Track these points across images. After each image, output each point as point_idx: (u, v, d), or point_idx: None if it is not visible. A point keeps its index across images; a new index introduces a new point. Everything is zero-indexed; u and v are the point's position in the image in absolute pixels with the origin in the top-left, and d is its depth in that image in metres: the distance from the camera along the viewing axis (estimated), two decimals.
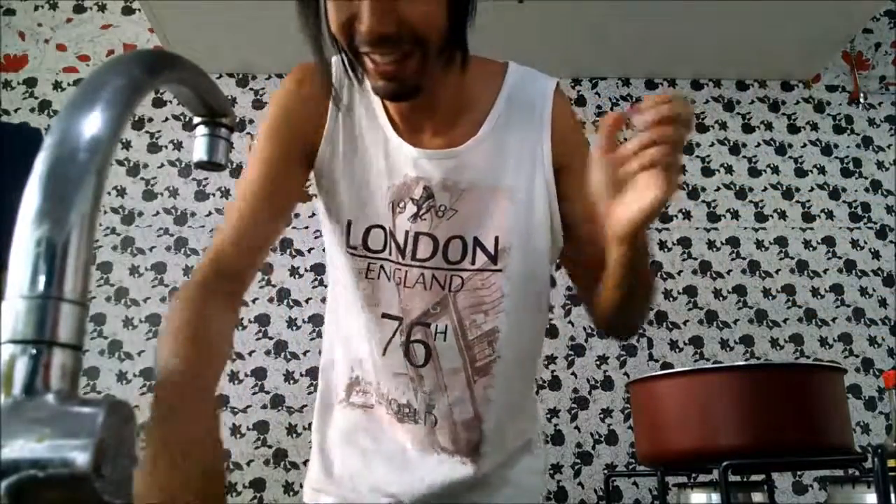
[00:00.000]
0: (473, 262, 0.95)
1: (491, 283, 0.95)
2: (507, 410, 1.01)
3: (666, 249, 2.45)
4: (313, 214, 2.20)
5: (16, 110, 2.42)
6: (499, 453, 1.02)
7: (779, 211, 2.52)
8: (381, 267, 0.97)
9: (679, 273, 2.43)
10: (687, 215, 2.49)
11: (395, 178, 0.95)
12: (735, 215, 2.50)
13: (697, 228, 2.48)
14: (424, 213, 0.95)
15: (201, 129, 0.80)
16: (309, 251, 2.36)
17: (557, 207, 0.96)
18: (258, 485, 2.18)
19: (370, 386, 1.03)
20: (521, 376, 1.05)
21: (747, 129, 2.58)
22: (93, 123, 0.37)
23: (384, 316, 0.98)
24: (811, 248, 2.49)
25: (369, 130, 0.95)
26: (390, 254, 0.96)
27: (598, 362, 2.34)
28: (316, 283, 2.34)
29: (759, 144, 2.57)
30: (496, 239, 0.94)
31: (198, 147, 0.79)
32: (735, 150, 2.56)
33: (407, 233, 0.95)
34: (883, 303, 2.45)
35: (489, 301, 0.96)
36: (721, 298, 2.42)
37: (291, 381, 2.26)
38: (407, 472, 1.02)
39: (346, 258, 0.98)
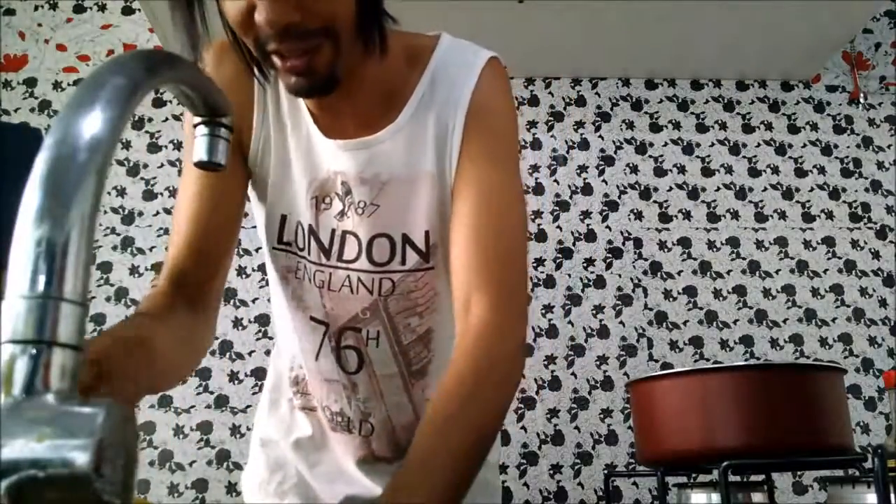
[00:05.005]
0: (404, 263, 0.87)
1: (424, 283, 0.88)
2: None
3: (666, 249, 2.45)
4: None
5: (16, 110, 2.41)
6: None
7: (779, 211, 2.52)
8: (305, 267, 0.90)
9: (679, 273, 2.43)
10: (687, 215, 2.49)
11: (318, 172, 0.87)
12: (735, 215, 2.50)
13: (697, 228, 2.48)
14: (347, 210, 0.87)
15: (201, 129, 0.80)
16: None
17: None
18: None
19: (311, 388, 0.98)
20: None
21: (747, 129, 2.58)
22: (93, 123, 0.37)
23: (312, 319, 0.92)
24: (811, 249, 2.49)
25: (293, 122, 0.88)
26: (310, 254, 0.89)
27: (597, 362, 2.34)
28: None
29: (759, 144, 2.57)
30: (426, 234, 0.86)
31: (198, 147, 0.79)
32: (735, 150, 2.56)
33: (333, 231, 0.87)
34: (883, 303, 2.45)
35: (423, 302, 0.89)
36: (721, 298, 2.42)
37: None
38: (347, 485, 0.96)
39: (274, 255, 0.92)
